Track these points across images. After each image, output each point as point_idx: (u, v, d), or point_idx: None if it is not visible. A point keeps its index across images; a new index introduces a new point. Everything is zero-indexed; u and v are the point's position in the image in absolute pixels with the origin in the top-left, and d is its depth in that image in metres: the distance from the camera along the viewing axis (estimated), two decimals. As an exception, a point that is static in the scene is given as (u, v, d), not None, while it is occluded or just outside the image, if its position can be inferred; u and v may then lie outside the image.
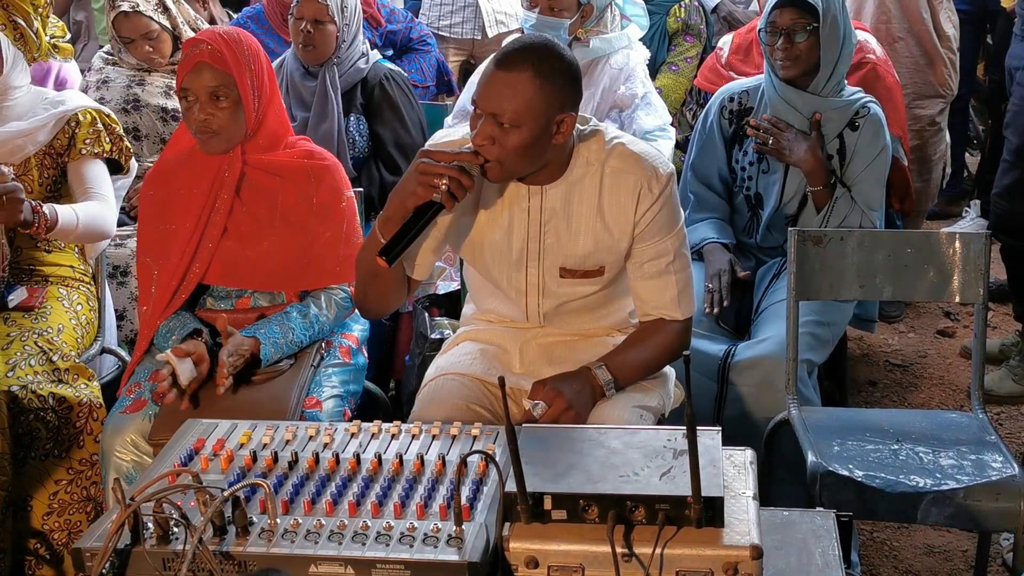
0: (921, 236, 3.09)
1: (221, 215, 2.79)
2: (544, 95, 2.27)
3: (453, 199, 2.25)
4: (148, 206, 2.88)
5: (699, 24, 4.60)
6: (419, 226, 2.26)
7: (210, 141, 2.75)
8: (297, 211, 2.81)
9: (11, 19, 3.12)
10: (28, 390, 2.85)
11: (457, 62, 5.17)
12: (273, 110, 2.85)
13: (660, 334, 2.51)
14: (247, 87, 2.74)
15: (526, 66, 2.27)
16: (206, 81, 2.69)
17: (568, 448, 1.87)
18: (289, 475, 1.99)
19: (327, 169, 2.85)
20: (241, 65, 2.73)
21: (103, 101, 3.78)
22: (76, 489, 2.94)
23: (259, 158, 2.82)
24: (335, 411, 2.72)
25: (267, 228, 2.81)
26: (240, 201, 2.81)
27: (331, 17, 3.69)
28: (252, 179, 2.82)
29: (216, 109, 2.71)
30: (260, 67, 2.79)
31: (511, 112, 2.26)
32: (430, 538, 1.78)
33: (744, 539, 1.70)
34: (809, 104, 3.32)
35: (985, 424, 2.89)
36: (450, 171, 2.24)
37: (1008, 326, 4.51)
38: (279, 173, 2.82)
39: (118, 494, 1.77)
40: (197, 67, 2.70)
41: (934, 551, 3.27)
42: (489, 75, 2.30)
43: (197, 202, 2.80)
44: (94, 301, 3.25)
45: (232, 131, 2.76)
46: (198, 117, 2.72)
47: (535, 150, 2.32)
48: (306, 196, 2.81)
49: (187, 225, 2.80)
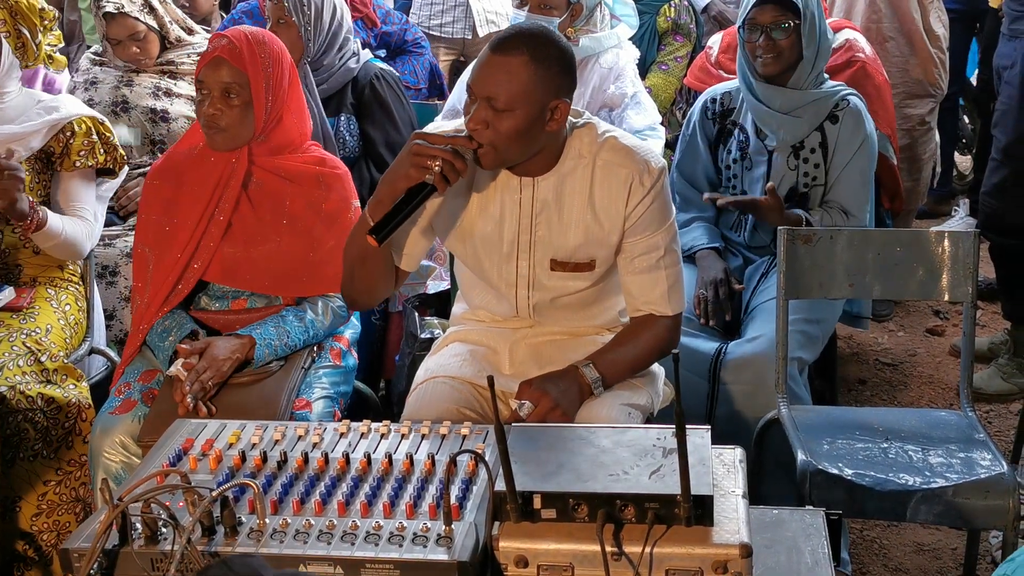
0: (910, 235, 3.09)
1: (225, 213, 2.78)
2: (539, 80, 2.28)
3: (445, 182, 2.25)
4: (152, 196, 2.86)
5: (689, 23, 4.61)
6: (410, 207, 2.26)
7: (215, 136, 2.75)
8: (305, 217, 2.80)
9: (16, 27, 3.10)
10: (16, 391, 2.84)
11: (448, 61, 5.17)
12: (291, 117, 2.83)
13: (649, 331, 2.50)
14: (260, 89, 2.73)
15: (521, 51, 2.28)
16: (221, 76, 2.70)
17: (558, 447, 1.86)
18: (278, 475, 1.98)
19: (338, 178, 2.85)
20: (258, 66, 2.73)
21: (91, 102, 3.77)
22: (65, 490, 2.93)
23: (269, 160, 2.81)
24: (325, 412, 2.71)
25: (272, 231, 2.80)
26: (248, 202, 2.80)
27: (289, 17, 3.63)
28: (261, 180, 2.81)
29: (226, 106, 2.71)
30: (280, 71, 2.78)
31: (506, 96, 2.27)
32: (419, 537, 1.78)
33: (733, 537, 1.70)
34: (788, 99, 3.32)
35: (974, 422, 2.89)
36: (444, 153, 2.24)
37: (997, 324, 4.52)
38: (289, 177, 2.82)
39: (106, 494, 1.77)
40: (215, 61, 2.70)
41: (924, 549, 3.27)
42: (484, 59, 2.31)
43: (202, 199, 2.79)
44: (83, 301, 3.24)
45: (239, 130, 2.75)
46: (207, 111, 2.72)
47: (529, 136, 2.32)
48: (315, 202, 2.81)
49: (190, 221, 2.79)
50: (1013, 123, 3.92)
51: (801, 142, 3.35)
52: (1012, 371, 4.08)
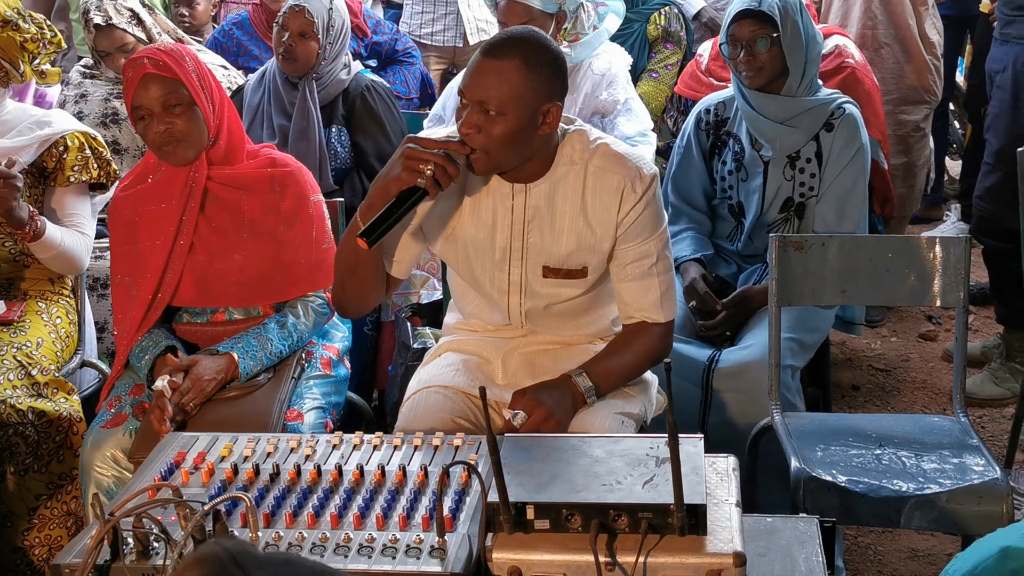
0: (901, 241, 3.10)
1: (188, 229, 2.78)
2: (531, 83, 2.28)
3: (437, 186, 2.25)
4: (118, 226, 2.86)
5: (679, 31, 4.61)
6: (401, 211, 2.25)
7: (176, 151, 2.73)
8: (265, 221, 2.79)
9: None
10: (7, 404, 2.83)
11: (439, 70, 5.18)
12: (228, 114, 2.83)
13: (642, 339, 2.50)
14: (197, 88, 2.72)
15: (513, 54, 2.28)
16: (155, 92, 2.68)
17: (551, 457, 1.86)
18: (270, 488, 1.97)
19: (291, 175, 2.83)
20: (186, 69, 2.72)
21: (81, 115, 3.77)
22: (56, 504, 2.93)
23: (222, 172, 2.80)
24: (317, 423, 2.71)
25: (235, 241, 2.79)
26: (204, 216, 2.79)
27: (315, 33, 3.68)
28: (215, 193, 2.80)
29: (173, 117, 2.69)
30: (203, 71, 2.78)
31: (498, 100, 2.27)
32: (412, 549, 1.77)
33: (727, 546, 1.70)
34: (783, 108, 3.32)
35: (967, 427, 2.89)
36: (436, 158, 2.24)
37: (990, 329, 4.53)
38: (242, 186, 2.81)
39: (97, 509, 1.76)
40: (143, 82, 2.68)
41: (918, 555, 3.27)
42: (476, 64, 2.31)
43: (167, 218, 2.78)
44: (73, 314, 3.23)
45: (196, 135, 2.74)
46: (157, 129, 2.69)
47: (521, 140, 2.32)
48: (272, 205, 2.80)
49: (157, 242, 2.78)
50: (1005, 127, 3.94)
51: (797, 152, 3.35)
52: (1005, 375, 4.08)
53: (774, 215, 3.40)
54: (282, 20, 3.73)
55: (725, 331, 3.25)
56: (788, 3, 3.25)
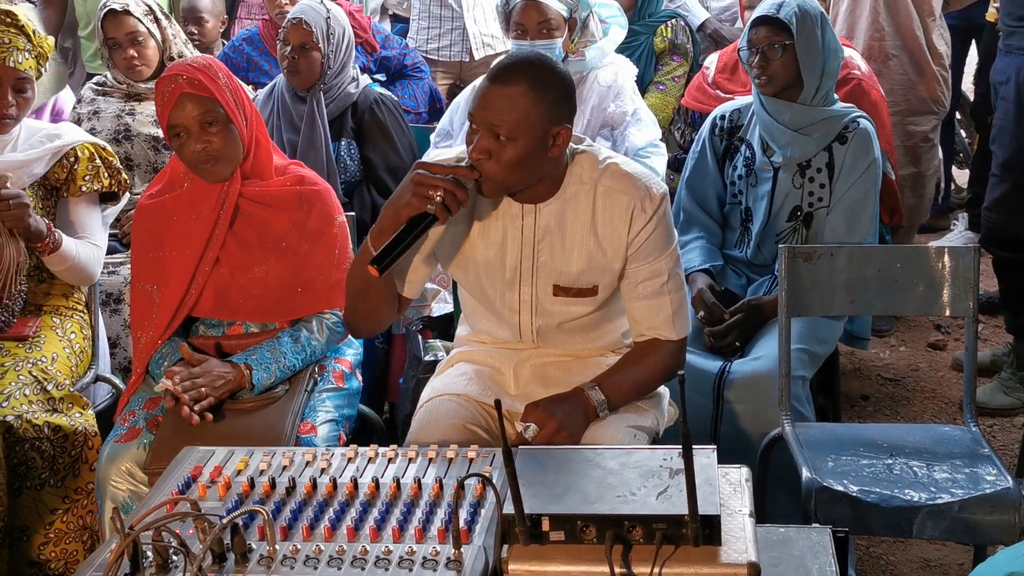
0: (910, 251, 3.11)
1: (217, 243, 2.80)
2: (539, 107, 2.30)
3: (447, 212, 2.27)
4: (141, 233, 2.88)
5: (686, 43, 4.63)
6: (411, 237, 2.27)
7: (214, 169, 2.76)
8: (289, 238, 2.82)
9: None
10: (23, 420, 2.85)
11: (445, 85, 5.19)
12: (257, 125, 2.86)
13: (654, 355, 2.51)
14: (232, 105, 2.75)
15: (520, 80, 2.30)
16: (191, 111, 2.70)
17: (565, 469, 1.87)
18: (287, 501, 1.99)
19: (318, 194, 2.86)
20: (219, 86, 2.74)
21: (94, 131, 3.79)
22: (72, 518, 2.94)
23: (252, 188, 2.83)
24: (330, 436, 2.72)
25: (259, 256, 2.82)
26: (232, 232, 2.82)
27: (316, 44, 3.72)
28: (244, 209, 2.83)
29: (209, 135, 2.72)
30: (236, 85, 2.81)
31: (507, 125, 2.28)
32: (429, 561, 1.78)
33: (741, 557, 1.71)
34: (797, 115, 3.35)
35: (978, 437, 2.90)
36: (445, 183, 2.26)
37: (999, 338, 4.53)
38: (271, 202, 2.83)
39: (117, 523, 1.77)
40: (179, 101, 2.70)
41: (930, 565, 3.27)
42: (484, 90, 2.33)
43: (196, 231, 2.81)
44: (88, 329, 3.25)
45: (232, 152, 2.77)
46: (194, 148, 2.72)
47: (531, 163, 2.34)
48: (298, 223, 2.82)
49: (185, 253, 2.81)
50: (1010, 138, 3.94)
51: (808, 161, 3.37)
52: (1015, 385, 4.08)
53: (782, 223, 3.41)
54: (283, 35, 3.77)
55: (734, 341, 3.27)
56: (808, 13, 3.28)
